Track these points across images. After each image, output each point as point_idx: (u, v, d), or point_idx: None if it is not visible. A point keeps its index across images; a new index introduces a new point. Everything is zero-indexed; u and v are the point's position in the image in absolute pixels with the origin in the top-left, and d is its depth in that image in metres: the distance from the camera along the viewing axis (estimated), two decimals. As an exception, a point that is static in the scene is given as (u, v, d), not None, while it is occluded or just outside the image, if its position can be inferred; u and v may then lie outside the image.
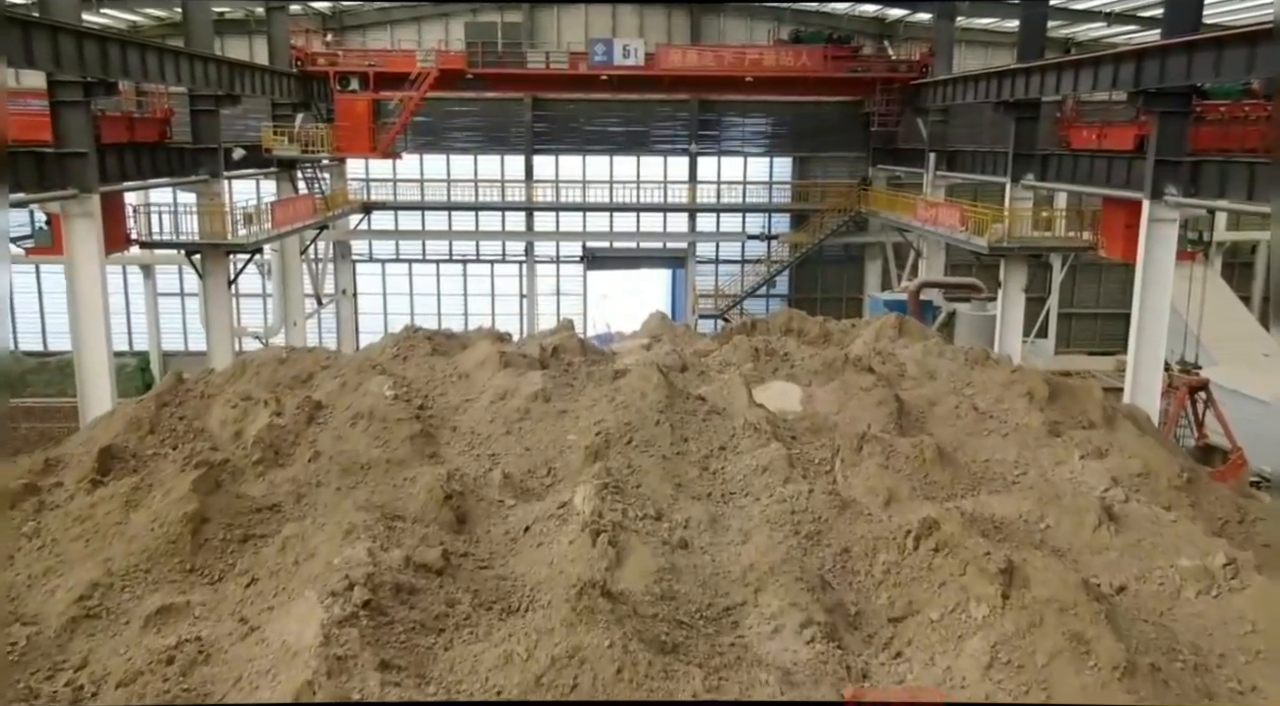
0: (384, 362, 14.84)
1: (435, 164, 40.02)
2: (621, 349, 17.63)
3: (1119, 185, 23.97)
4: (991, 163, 31.02)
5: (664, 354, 15.01)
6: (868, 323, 19.72)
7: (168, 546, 8.19)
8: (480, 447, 11.31)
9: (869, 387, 13.25)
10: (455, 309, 41.30)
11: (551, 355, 14.51)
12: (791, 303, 41.86)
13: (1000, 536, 8.55)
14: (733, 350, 15.29)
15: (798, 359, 15.10)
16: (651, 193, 40.05)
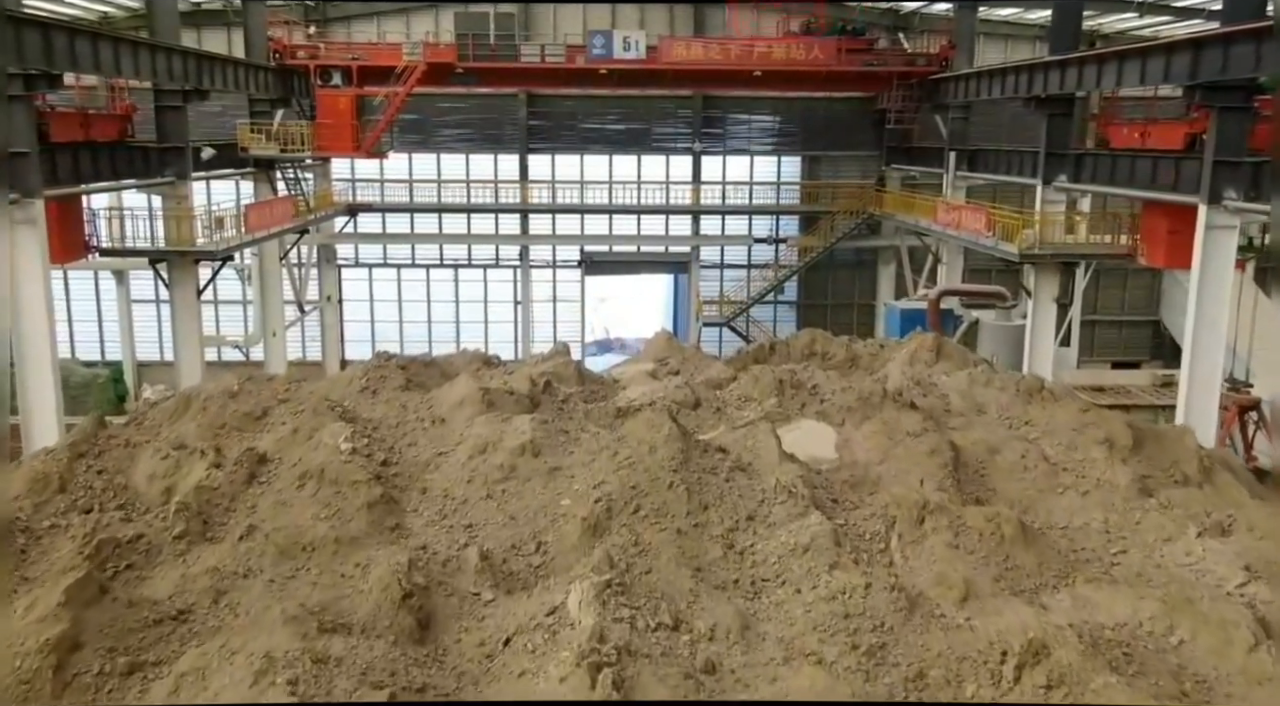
0: (350, 397, 12.88)
1: (425, 163, 37.99)
2: (625, 376, 15.63)
3: (1166, 187, 21.97)
4: (1018, 163, 29.02)
5: (674, 388, 13.00)
6: (899, 343, 17.72)
7: (20, 688, 6.16)
8: (454, 516, 9.30)
9: (917, 433, 11.25)
10: (446, 316, 39.30)
11: (544, 390, 12.49)
12: (800, 309, 39.94)
13: (1131, 665, 6.52)
14: (753, 382, 13.27)
15: (828, 392, 13.10)
16: (653, 194, 38.03)
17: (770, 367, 13.70)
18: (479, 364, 15.80)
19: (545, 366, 14.44)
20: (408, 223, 38.24)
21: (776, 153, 38.98)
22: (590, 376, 14.64)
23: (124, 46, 21.19)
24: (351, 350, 39.02)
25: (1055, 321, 32.84)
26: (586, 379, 14.46)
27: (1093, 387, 28.45)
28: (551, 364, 14.43)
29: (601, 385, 14.52)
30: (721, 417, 12.69)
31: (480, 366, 15.70)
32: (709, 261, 39.38)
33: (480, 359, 16.05)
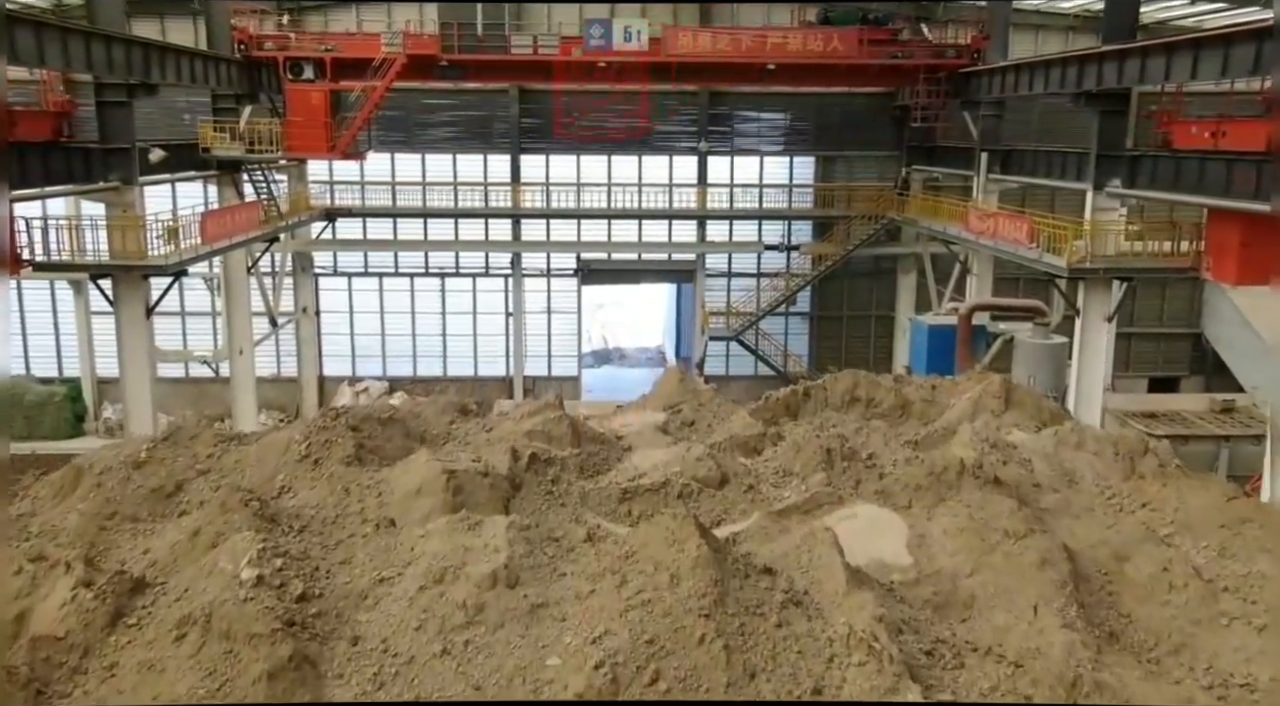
0: (286, 468, 10.22)
1: (408, 164, 35.25)
2: (630, 429, 12.92)
3: (1245, 195, 19.29)
4: (1059, 165, 26.34)
5: (693, 458, 10.28)
6: (953, 382, 15.04)
7: None
8: (395, 684, 6.60)
9: (1019, 534, 8.53)
10: (432, 328, 36.57)
11: (528, 466, 9.78)
12: (813, 321, 37.27)
13: None
14: (793, 451, 10.57)
15: (888, 463, 10.39)
16: (655, 197, 35.34)
17: (813, 430, 10.99)
18: (453, 414, 13.10)
19: (533, 422, 11.74)
20: (390, 228, 35.50)
21: (788, 153, 36.27)
22: (587, 433, 11.94)
23: (50, 33, 18.44)
24: (330, 365, 36.39)
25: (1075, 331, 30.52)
26: (583, 436, 11.76)
27: (1144, 414, 25.80)
28: (541, 420, 11.73)
29: (602, 445, 11.81)
30: (755, 499, 10.00)
31: (455, 417, 13.01)
32: (715, 269, 36.70)
33: (456, 407, 13.34)
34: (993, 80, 27.87)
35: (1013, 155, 28.95)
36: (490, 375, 36.68)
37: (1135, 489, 10.34)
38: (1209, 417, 25.62)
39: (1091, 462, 11.30)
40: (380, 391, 35.95)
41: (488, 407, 24.07)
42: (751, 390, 37.45)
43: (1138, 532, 8.99)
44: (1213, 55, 18.62)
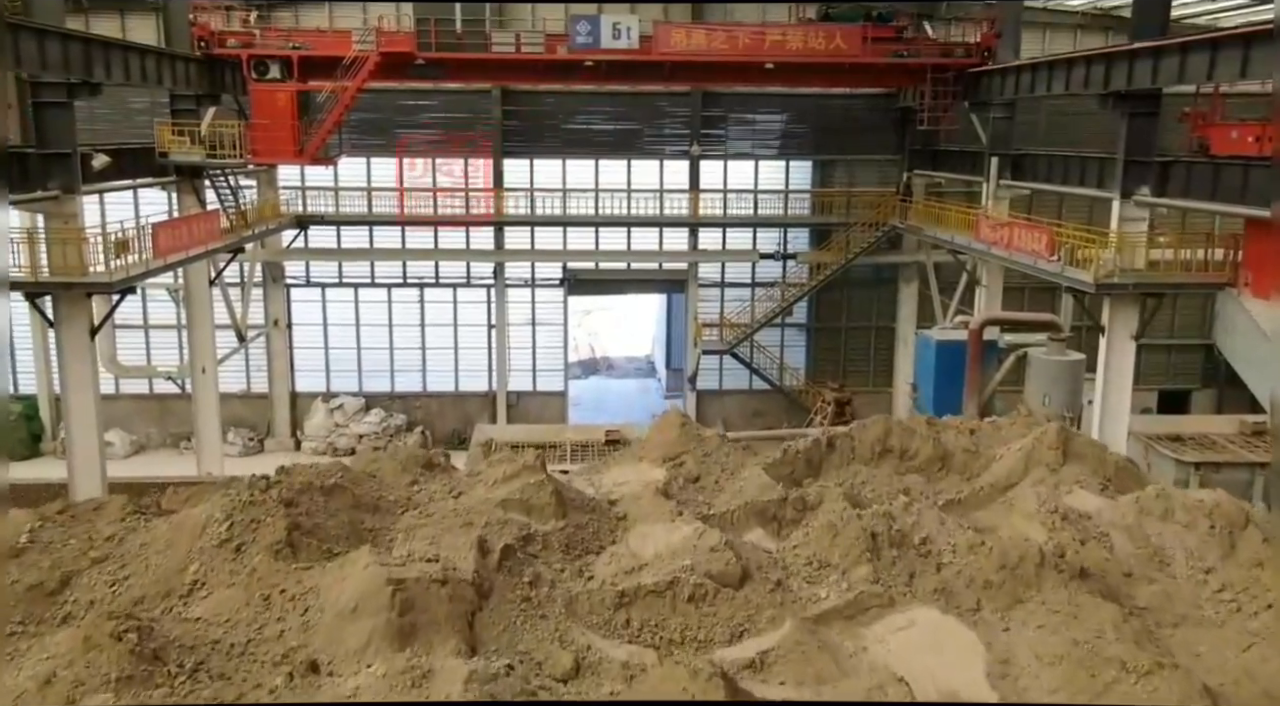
0: (202, 556, 8.14)
1: (385, 169, 33.05)
2: (625, 493, 10.81)
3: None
4: (1078, 170, 24.35)
5: (707, 551, 8.17)
6: (993, 426, 13.00)
7: None
8: None
9: (1143, 669, 6.45)
10: (411, 342, 34.37)
11: (500, 563, 7.67)
12: (811, 333, 35.22)
13: None
14: (828, 535, 8.48)
15: (945, 549, 8.32)
16: (645, 203, 33.23)
17: (853, 510, 8.87)
18: (416, 471, 10.97)
19: (510, 488, 9.63)
20: (366, 236, 33.30)
21: (784, 156, 34.25)
22: (574, 500, 9.82)
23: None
24: (303, 380, 34.15)
25: (1082, 342, 28.64)
26: (569, 505, 9.65)
27: (1169, 437, 23.78)
28: (519, 485, 9.61)
29: (591, 515, 9.71)
30: (785, 599, 7.91)
31: (418, 474, 10.88)
32: (708, 279, 34.61)
33: (420, 461, 11.21)
34: (1006, 80, 25.87)
35: (1025, 160, 26.97)
36: (472, 390, 34.52)
37: (1250, 579, 8.31)
38: (1240, 441, 23.65)
39: (1182, 538, 9.29)
40: (356, 408, 33.78)
41: (471, 432, 21.87)
42: (746, 404, 35.46)
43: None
44: (1263, 52, 16.64)
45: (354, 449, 33.11)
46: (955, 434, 11.93)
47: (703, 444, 11.87)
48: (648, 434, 12.40)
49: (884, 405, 35.22)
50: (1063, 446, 11.13)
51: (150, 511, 9.87)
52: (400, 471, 10.78)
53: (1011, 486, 11.02)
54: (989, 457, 11.40)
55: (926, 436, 11.40)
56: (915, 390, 28.79)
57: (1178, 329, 35.24)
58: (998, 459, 11.33)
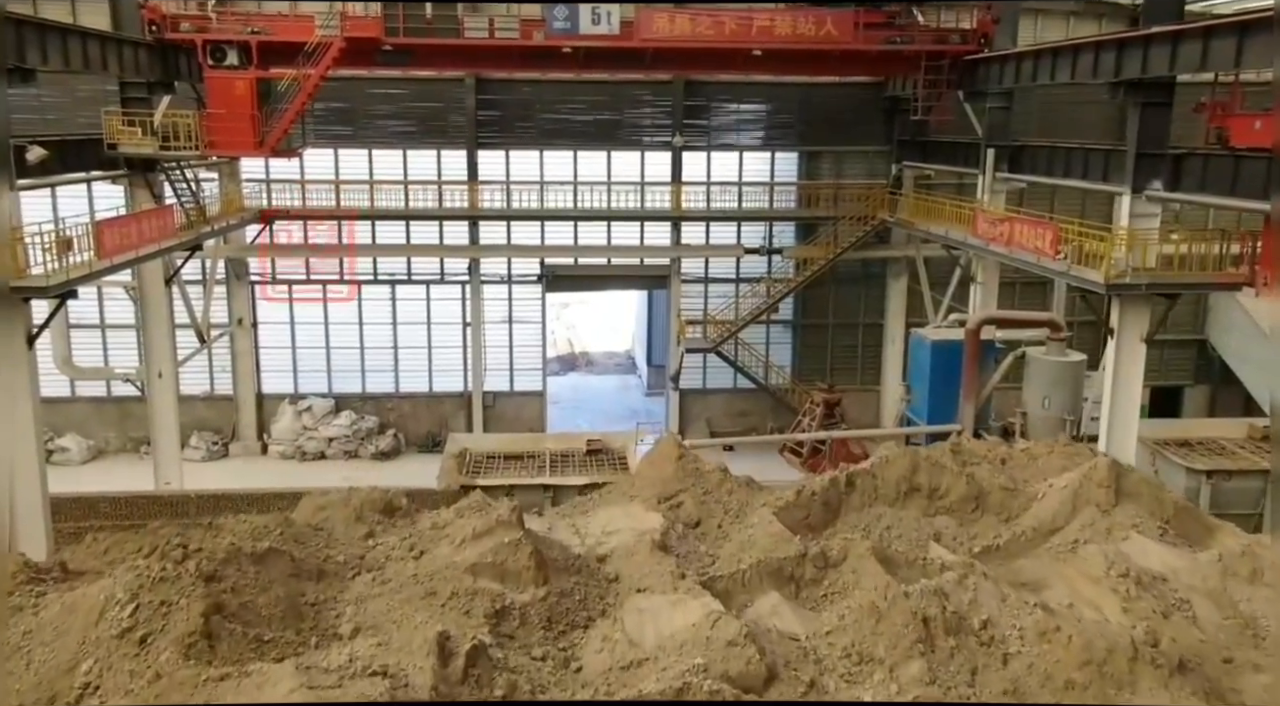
0: (96, 657, 6.44)
1: (354, 161, 31.18)
2: (616, 547, 9.18)
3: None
4: (1083, 163, 22.87)
5: (723, 647, 6.57)
6: (1031, 455, 11.47)
7: None
8: None
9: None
10: (382, 340, 32.56)
11: (465, 672, 6.03)
12: (797, 330, 33.70)
13: None
14: (870, 620, 6.91)
15: (1012, 638, 6.76)
16: (626, 197, 31.54)
17: (899, 586, 7.29)
18: (373, 520, 9.31)
19: (481, 549, 7.99)
20: (334, 232, 31.41)
21: (769, 148, 32.63)
22: (556, 561, 8.19)
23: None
24: (270, 382, 32.29)
25: (1078, 339, 27.35)
26: (550, 567, 8.02)
27: (1177, 442, 22.50)
28: (492, 545, 7.97)
29: (577, 578, 8.09)
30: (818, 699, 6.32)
31: (375, 524, 9.21)
32: (691, 275, 32.99)
33: (378, 507, 9.54)
34: (1005, 68, 24.33)
35: (1024, 152, 25.48)
36: (447, 391, 32.78)
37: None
38: (1250, 447, 22.39)
39: (1276, 605, 7.78)
40: (325, 410, 31.95)
41: (445, 435, 20.18)
42: (731, 404, 33.90)
43: None
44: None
45: (323, 452, 31.40)
46: (989, 468, 10.37)
47: (702, 479, 10.29)
48: (640, 466, 10.78)
49: (872, 404, 33.84)
50: (1114, 483, 9.62)
51: (51, 577, 8.16)
52: (353, 521, 9.13)
53: (1057, 530, 9.52)
54: (1029, 496, 9.87)
55: (958, 473, 9.85)
56: (909, 391, 27.37)
57: (1171, 324, 33.65)
58: (1040, 497, 9.81)
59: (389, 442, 31.83)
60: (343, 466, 30.86)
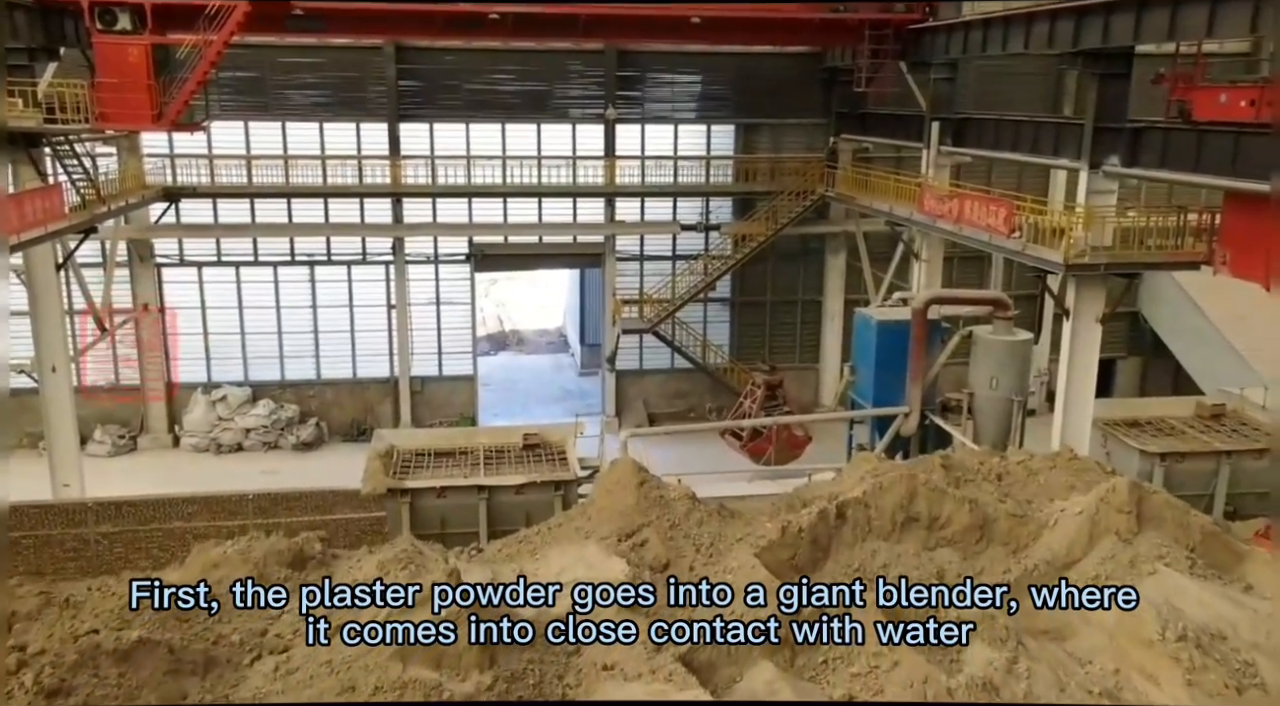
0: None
1: (266, 135, 28.75)
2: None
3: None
4: (1032, 136, 21.74)
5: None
6: (1030, 468, 10.15)
7: None
8: None
9: None
10: (302, 324, 30.30)
11: None
12: (735, 308, 32.32)
13: None
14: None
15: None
16: (557, 172, 29.67)
17: (939, 676, 5.84)
18: (280, 576, 7.56)
19: (408, 624, 6.33)
20: (247, 210, 28.99)
21: (705, 121, 31.02)
22: (506, 631, 6.58)
23: None
24: (182, 370, 29.89)
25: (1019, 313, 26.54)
26: (497, 646, 6.41)
27: (1126, 422, 21.63)
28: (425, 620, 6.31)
29: (532, 657, 6.49)
30: None
31: (281, 579, 7.48)
32: (626, 252, 31.33)
33: (284, 559, 7.77)
34: (952, 38, 23.06)
35: (969, 125, 24.29)
36: (372, 376, 30.72)
37: None
38: (1199, 426, 21.65)
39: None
40: (241, 399, 29.67)
41: (371, 423, 18.19)
42: (668, 385, 32.43)
43: None
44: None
45: (240, 444, 29.19)
46: (991, 490, 9.03)
47: (667, 510, 8.74)
48: (596, 494, 9.18)
49: (811, 382, 32.73)
50: (1135, 508, 8.34)
51: None
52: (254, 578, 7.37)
53: (1073, 564, 8.22)
54: (1039, 523, 8.53)
55: (960, 499, 8.46)
56: (853, 372, 26.15)
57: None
58: (1051, 524, 8.49)
59: (311, 432, 29.71)
60: (262, 458, 28.74)
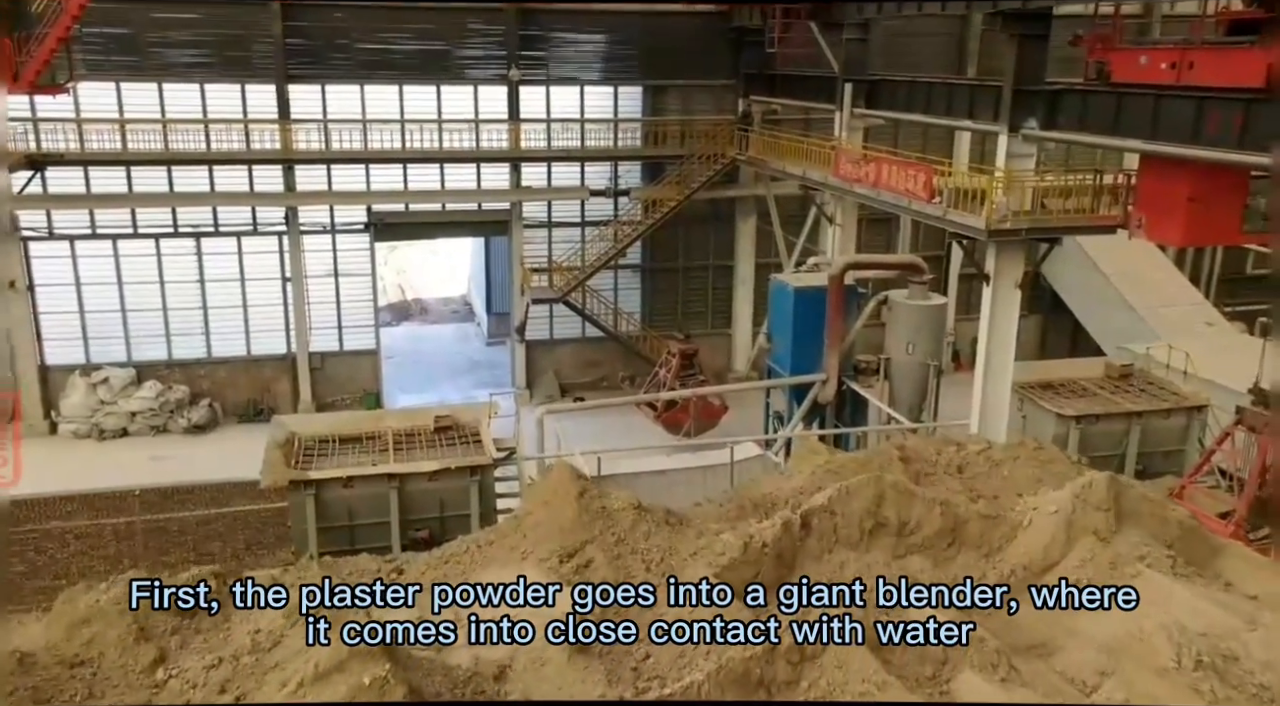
0: None
1: (142, 97, 26.38)
2: (516, 646, 6.56)
3: (1225, 142, 14.68)
4: (944, 99, 21.22)
5: None
6: (991, 457, 9.49)
7: None
8: None
9: None
10: (189, 300, 28.18)
11: None
12: (646, 274, 31.39)
13: None
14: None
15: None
16: (459, 136, 28.06)
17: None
18: (164, 634, 6.32)
19: (332, 693, 5.23)
20: (123, 179, 26.65)
21: (611, 82, 29.75)
22: (439, 697, 5.54)
23: None
24: (55, 352, 27.63)
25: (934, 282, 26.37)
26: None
27: (1040, 385, 21.60)
28: (348, 687, 5.22)
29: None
30: None
31: (163, 648, 6.24)
32: (533, 219, 30.00)
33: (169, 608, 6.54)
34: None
35: (882, 87, 23.68)
36: (267, 353, 28.84)
37: None
38: (1109, 387, 21.72)
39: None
40: (125, 381, 27.51)
41: (268, 402, 17.01)
42: (580, 354, 31.35)
43: None
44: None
45: (125, 429, 27.12)
46: (960, 489, 8.32)
47: (611, 522, 7.76)
48: (530, 505, 8.12)
49: (724, 348, 32.10)
50: (1113, 504, 7.72)
51: None
52: (133, 641, 6.14)
53: (1051, 567, 7.57)
54: (1013, 524, 7.85)
55: (931, 501, 7.70)
56: (769, 341, 25.54)
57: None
58: (1025, 524, 7.81)
59: (203, 414, 27.77)
60: (150, 443, 26.74)
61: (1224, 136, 14.77)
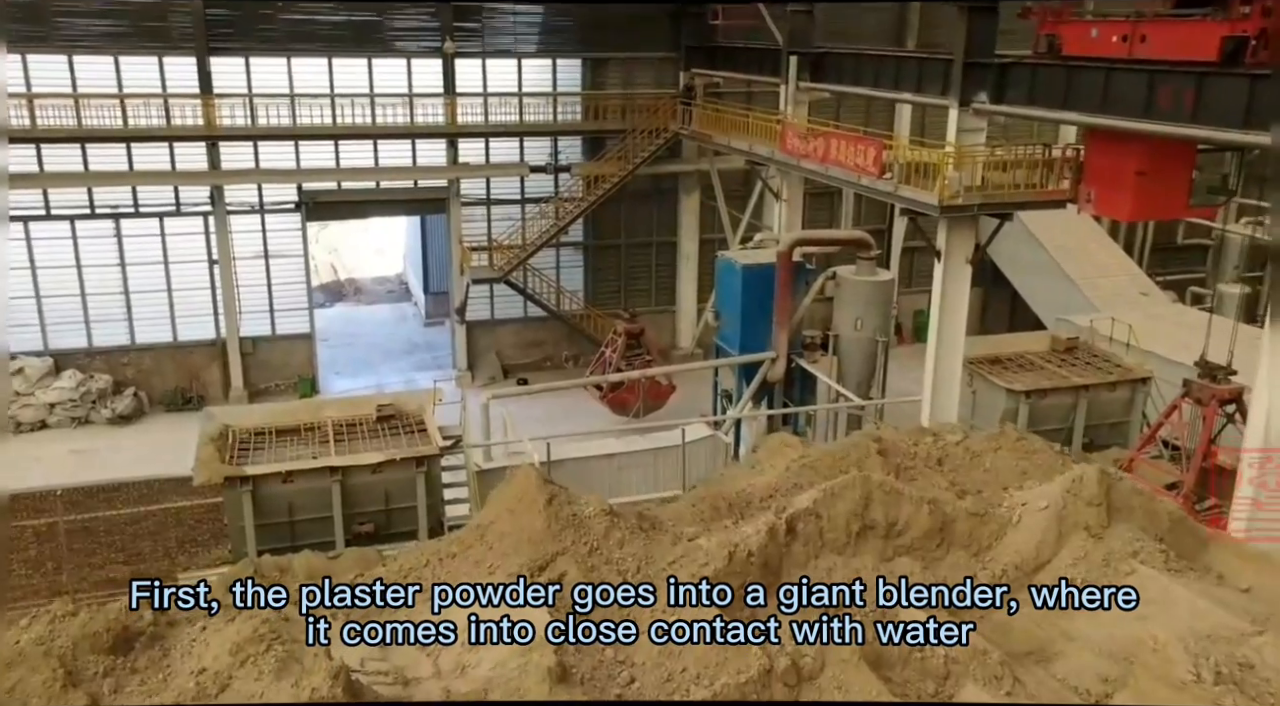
0: None
1: (50, 70, 24.83)
2: (490, 672, 6.04)
3: (1178, 116, 14.56)
4: (891, 72, 20.90)
5: None
6: (969, 448, 9.16)
7: None
8: None
9: None
10: (111, 285, 26.79)
11: None
12: (588, 252, 30.73)
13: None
14: None
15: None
16: (393, 111, 27.01)
17: None
18: (99, 666, 5.66)
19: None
20: (33, 157, 25.12)
21: (549, 55, 28.89)
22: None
23: None
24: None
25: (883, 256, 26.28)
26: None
27: (988, 360, 21.53)
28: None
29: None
30: None
31: (96, 690, 5.57)
32: (472, 196, 29.11)
33: (103, 643, 5.81)
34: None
35: (827, 59, 23.27)
36: (195, 339, 27.59)
37: None
38: (1055, 360, 21.77)
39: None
40: (42, 371, 26.10)
41: (196, 389, 16.19)
42: (522, 334, 30.61)
43: None
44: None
45: (44, 421, 25.76)
46: (940, 480, 7.97)
47: (583, 530, 7.24)
48: (494, 513, 7.55)
49: (668, 325, 31.64)
50: (1104, 498, 7.43)
51: None
52: (60, 685, 5.46)
53: (1042, 566, 7.26)
54: (1002, 521, 7.52)
55: (917, 501, 7.32)
56: (717, 318, 25.15)
57: (947, 231, 33.59)
58: (1015, 522, 7.49)
59: (128, 404, 26.49)
60: (71, 436, 25.42)
61: (1176, 110, 14.65)
